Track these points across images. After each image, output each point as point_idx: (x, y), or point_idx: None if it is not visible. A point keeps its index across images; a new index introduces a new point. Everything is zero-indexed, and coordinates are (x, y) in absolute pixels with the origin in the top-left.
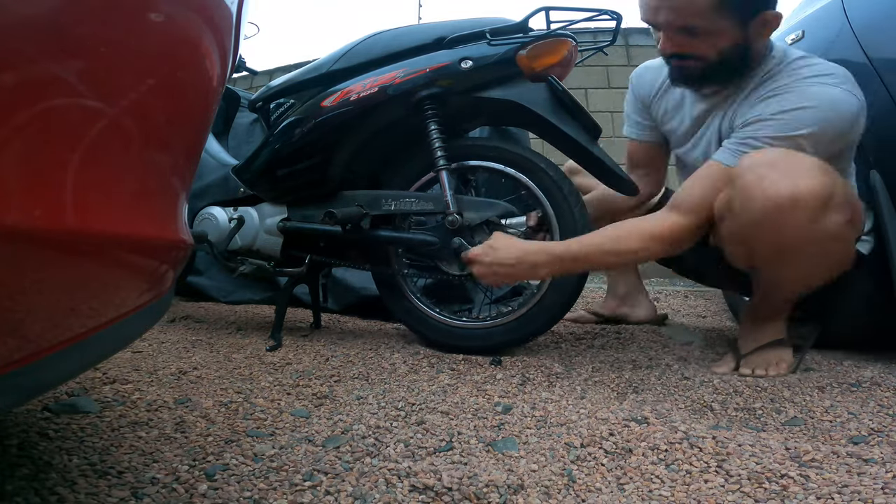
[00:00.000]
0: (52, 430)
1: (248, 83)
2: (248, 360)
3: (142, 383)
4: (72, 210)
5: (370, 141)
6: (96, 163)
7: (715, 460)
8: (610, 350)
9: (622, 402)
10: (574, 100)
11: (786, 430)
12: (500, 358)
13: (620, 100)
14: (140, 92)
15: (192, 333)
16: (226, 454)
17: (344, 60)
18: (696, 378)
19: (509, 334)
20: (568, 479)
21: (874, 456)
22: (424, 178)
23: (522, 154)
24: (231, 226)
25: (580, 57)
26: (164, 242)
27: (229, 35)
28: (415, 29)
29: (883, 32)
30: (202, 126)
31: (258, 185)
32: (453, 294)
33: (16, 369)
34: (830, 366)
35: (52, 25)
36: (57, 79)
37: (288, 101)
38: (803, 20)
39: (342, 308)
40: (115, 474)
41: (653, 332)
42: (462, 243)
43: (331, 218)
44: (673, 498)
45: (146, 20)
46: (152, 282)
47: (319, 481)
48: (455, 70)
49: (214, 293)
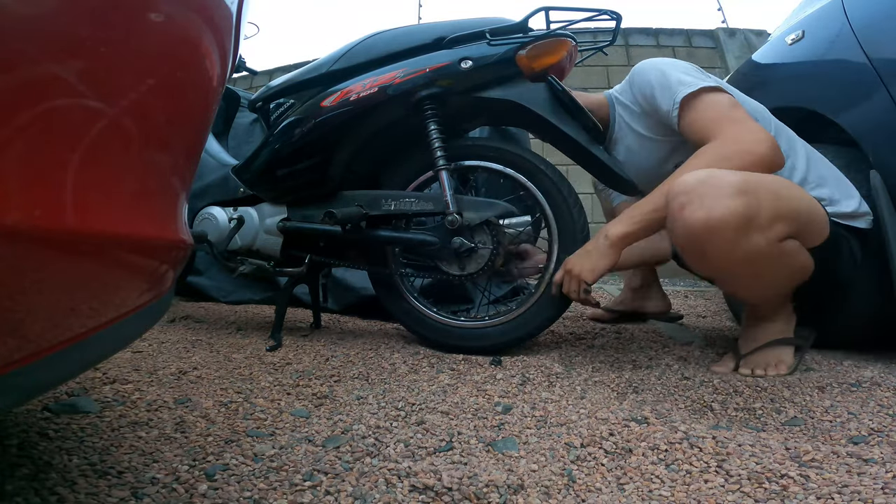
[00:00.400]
0: (52, 430)
1: (248, 83)
2: (248, 360)
3: (142, 383)
4: (72, 210)
5: (370, 141)
6: (96, 163)
7: (715, 460)
8: (610, 350)
9: (622, 402)
10: (574, 100)
11: (786, 430)
12: (500, 358)
13: None
14: (140, 92)
15: (192, 333)
16: (226, 454)
17: (344, 60)
18: (696, 378)
19: (508, 334)
20: (568, 479)
21: (874, 456)
22: (423, 177)
23: (522, 155)
24: (231, 226)
25: (580, 57)
26: (164, 242)
27: (229, 35)
28: (415, 29)
29: (883, 32)
30: (202, 126)
31: (258, 185)
32: (452, 294)
33: (16, 369)
34: (830, 366)
35: (53, 25)
36: (57, 79)
37: (288, 101)
38: (803, 20)
39: (342, 308)
40: (115, 474)
41: (653, 332)
42: (462, 243)
43: (331, 218)
44: (673, 498)
45: (146, 20)
46: (152, 282)
47: (319, 481)
48: (455, 70)
49: (214, 293)
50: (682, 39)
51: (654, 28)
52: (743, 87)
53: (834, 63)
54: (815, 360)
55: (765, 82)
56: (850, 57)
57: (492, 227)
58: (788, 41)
